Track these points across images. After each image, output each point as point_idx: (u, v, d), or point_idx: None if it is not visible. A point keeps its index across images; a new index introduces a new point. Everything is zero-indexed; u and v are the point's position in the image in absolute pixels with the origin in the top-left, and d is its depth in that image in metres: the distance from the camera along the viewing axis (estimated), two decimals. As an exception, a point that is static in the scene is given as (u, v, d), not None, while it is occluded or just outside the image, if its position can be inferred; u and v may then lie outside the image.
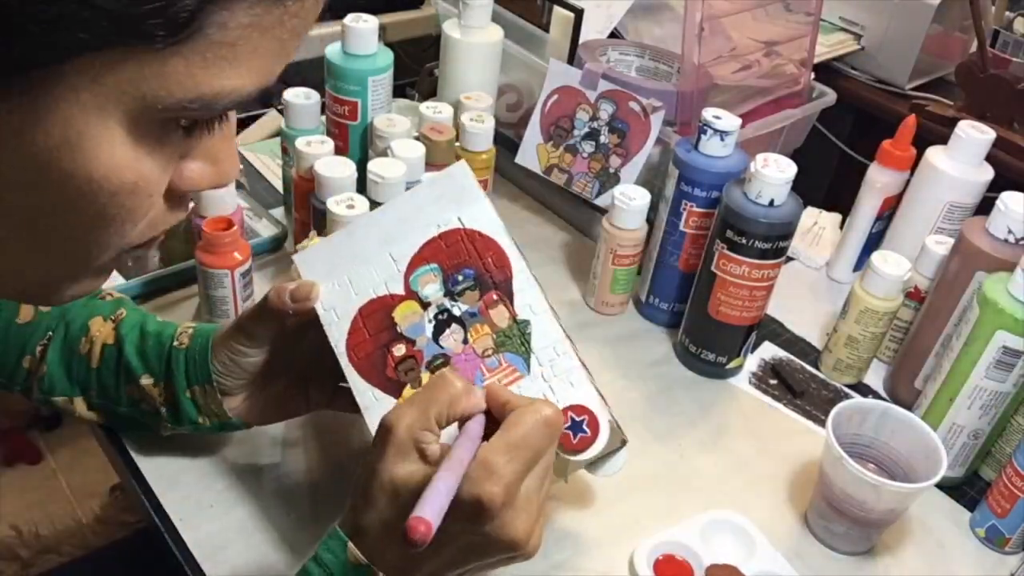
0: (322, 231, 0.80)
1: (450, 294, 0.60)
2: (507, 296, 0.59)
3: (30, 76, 0.31)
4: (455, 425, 0.52)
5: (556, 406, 0.52)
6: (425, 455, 0.49)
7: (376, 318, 0.60)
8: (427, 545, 0.43)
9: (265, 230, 0.93)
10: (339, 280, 0.61)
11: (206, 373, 0.64)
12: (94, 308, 0.69)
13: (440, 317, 0.60)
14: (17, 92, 0.32)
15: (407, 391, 0.59)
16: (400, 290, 0.60)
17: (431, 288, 0.60)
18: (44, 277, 0.40)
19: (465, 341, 0.59)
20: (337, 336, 0.61)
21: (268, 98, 1.62)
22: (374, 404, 0.60)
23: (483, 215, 0.60)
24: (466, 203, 0.60)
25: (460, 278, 0.60)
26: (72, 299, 0.42)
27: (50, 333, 0.68)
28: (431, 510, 0.44)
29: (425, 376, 0.59)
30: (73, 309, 0.69)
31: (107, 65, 0.32)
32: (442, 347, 0.59)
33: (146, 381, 0.65)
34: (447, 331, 0.59)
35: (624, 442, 0.60)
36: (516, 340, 0.59)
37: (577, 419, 0.57)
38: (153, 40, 0.32)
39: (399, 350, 0.60)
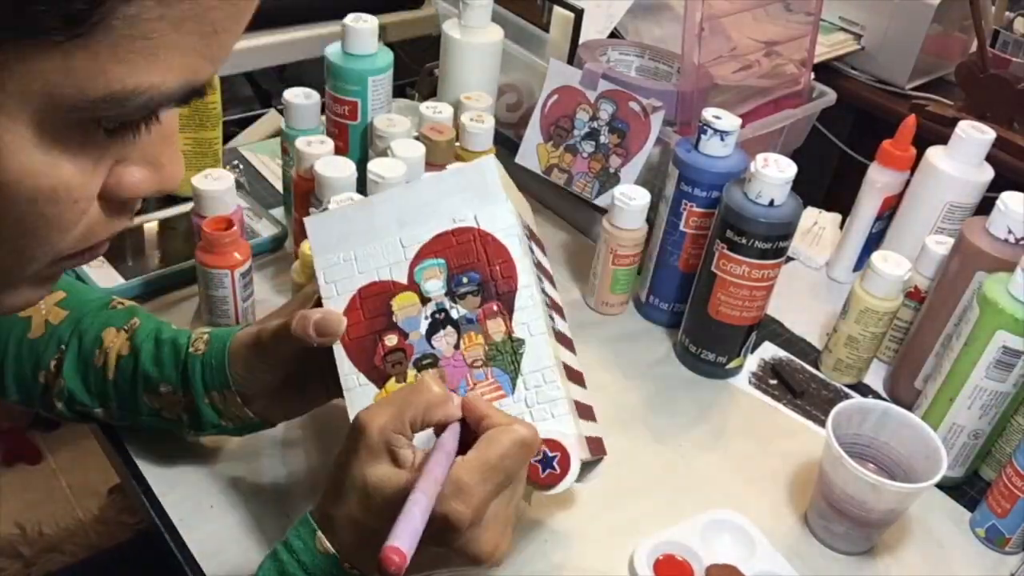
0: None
1: (451, 294, 0.58)
2: (507, 310, 0.57)
3: None
4: (430, 430, 0.52)
5: (533, 427, 0.51)
6: (396, 459, 0.50)
7: (374, 302, 0.59)
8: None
9: (265, 230, 0.93)
10: (345, 254, 0.59)
11: (223, 379, 0.63)
12: (107, 318, 0.68)
13: (437, 316, 0.58)
14: None
15: (391, 384, 0.58)
16: (403, 278, 0.58)
17: (433, 284, 0.58)
18: None
19: (457, 346, 0.57)
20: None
21: (268, 98, 1.62)
22: (357, 388, 0.58)
23: (501, 219, 0.58)
24: (487, 202, 0.58)
25: (465, 280, 0.57)
26: (13, 309, 0.40)
27: (62, 346, 0.67)
28: (407, 539, 0.43)
29: (411, 373, 0.58)
30: (86, 320, 0.68)
31: (8, 63, 0.30)
32: (433, 347, 0.58)
33: (164, 389, 0.65)
34: (441, 332, 0.58)
35: (601, 458, 0.60)
36: (507, 357, 0.56)
37: (550, 455, 0.55)
38: (50, 34, 0.29)
39: (391, 340, 0.58)
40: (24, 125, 0.32)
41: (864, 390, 0.89)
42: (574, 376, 0.63)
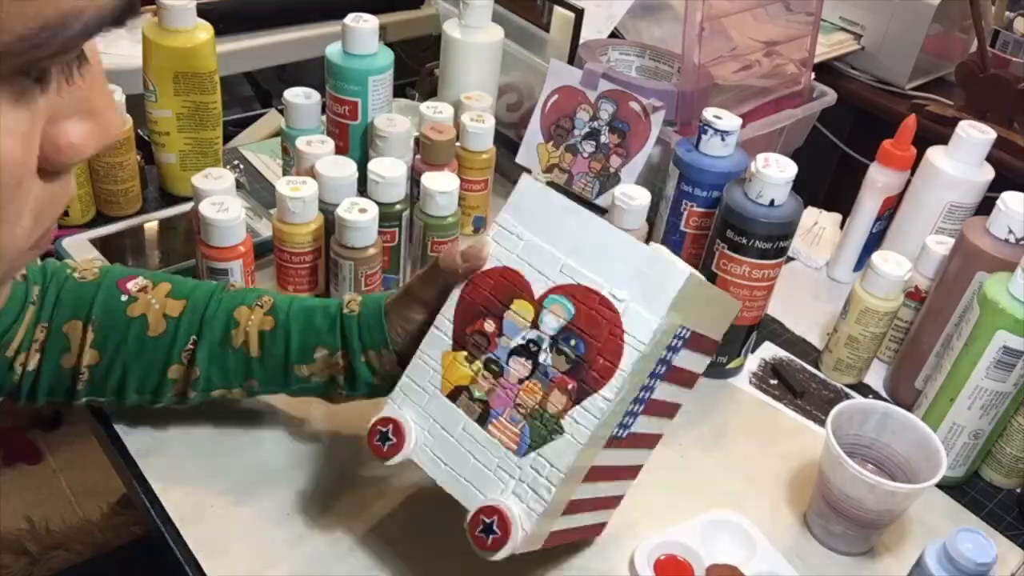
0: (330, 234, 0.80)
1: (554, 341, 0.56)
2: (576, 398, 0.55)
3: None
4: None
5: None
6: None
7: (507, 288, 0.58)
8: None
9: (265, 230, 0.93)
10: (523, 232, 0.59)
11: (381, 337, 0.64)
12: (232, 299, 0.68)
13: (530, 345, 0.57)
14: None
15: (460, 354, 0.58)
16: (538, 292, 0.57)
17: (551, 320, 0.56)
18: None
19: (520, 381, 0.57)
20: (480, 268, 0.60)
21: (268, 98, 1.62)
22: (439, 333, 0.60)
23: (641, 328, 0.54)
24: (644, 303, 0.54)
25: (572, 343, 0.55)
26: None
27: (193, 337, 0.67)
28: None
29: (477, 364, 0.58)
30: (211, 307, 0.67)
31: None
32: (508, 364, 0.57)
33: (319, 354, 0.66)
34: (522, 359, 0.57)
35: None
36: (541, 430, 0.55)
37: (487, 520, 0.54)
38: None
39: (489, 326, 0.58)
40: None
41: (864, 390, 0.89)
42: (603, 475, 0.61)
